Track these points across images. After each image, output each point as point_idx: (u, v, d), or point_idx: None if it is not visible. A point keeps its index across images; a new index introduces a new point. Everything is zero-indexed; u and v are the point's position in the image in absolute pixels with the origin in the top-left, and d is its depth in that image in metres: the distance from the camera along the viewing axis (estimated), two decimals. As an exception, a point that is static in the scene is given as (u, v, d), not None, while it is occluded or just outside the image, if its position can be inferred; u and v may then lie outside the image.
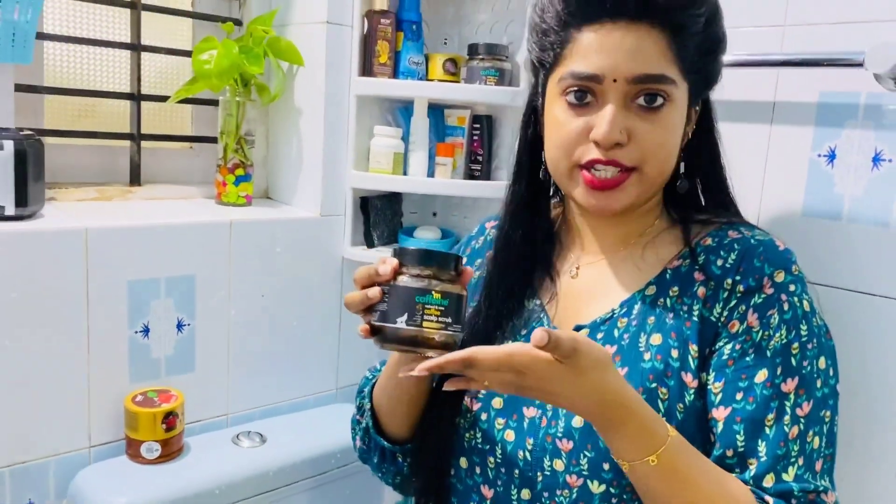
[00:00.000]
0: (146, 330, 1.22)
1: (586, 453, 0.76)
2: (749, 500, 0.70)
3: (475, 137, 1.48)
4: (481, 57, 1.39)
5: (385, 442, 0.93)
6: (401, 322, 0.68)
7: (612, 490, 0.76)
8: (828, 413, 0.75)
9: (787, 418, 0.73)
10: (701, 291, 0.78)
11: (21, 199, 1.10)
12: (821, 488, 0.72)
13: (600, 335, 0.82)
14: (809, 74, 1.02)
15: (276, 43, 1.38)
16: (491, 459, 0.84)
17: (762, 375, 0.74)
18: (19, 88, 1.25)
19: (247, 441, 1.28)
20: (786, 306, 0.75)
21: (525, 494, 0.81)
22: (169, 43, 1.46)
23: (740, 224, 0.83)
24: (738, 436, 0.73)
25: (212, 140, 1.51)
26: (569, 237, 0.92)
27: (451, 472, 0.89)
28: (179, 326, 1.26)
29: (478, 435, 0.85)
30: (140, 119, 1.41)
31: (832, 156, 1.01)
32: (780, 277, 0.76)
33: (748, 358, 0.74)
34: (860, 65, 0.90)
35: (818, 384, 0.75)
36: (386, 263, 0.71)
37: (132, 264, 1.18)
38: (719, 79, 0.83)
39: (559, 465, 0.78)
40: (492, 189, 1.45)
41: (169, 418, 1.17)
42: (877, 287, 0.97)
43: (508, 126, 1.46)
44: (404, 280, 0.69)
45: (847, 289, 1.00)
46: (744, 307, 0.76)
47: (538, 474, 0.80)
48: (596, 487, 0.76)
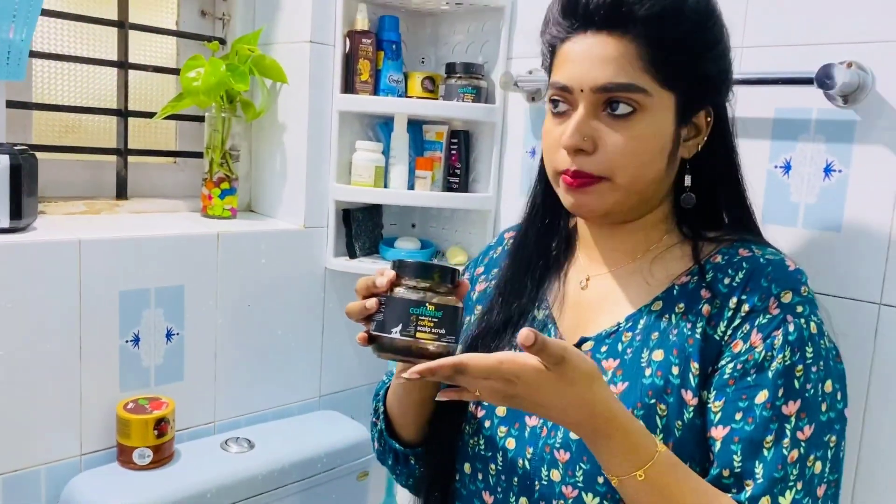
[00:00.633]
0: (136, 339, 1.25)
1: (582, 465, 0.76)
2: None
3: (453, 151, 1.54)
4: (459, 75, 1.46)
5: (397, 444, 0.93)
6: (395, 332, 0.70)
7: (606, 503, 0.75)
8: (833, 438, 0.73)
9: (787, 441, 0.71)
10: (706, 309, 0.77)
11: (15, 212, 1.13)
12: None
13: (604, 348, 0.81)
14: (765, 92, 1.10)
15: (261, 61, 1.43)
16: (492, 466, 0.84)
17: (763, 396, 0.72)
18: (9, 105, 1.28)
19: (235, 447, 1.31)
20: (791, 327, 0.73)
21: (523, 502, 0.81)
22: (152, 61, 1.50)
23: (752, 242, 0.81)
24: (736, 456, 0.72)
25: (196, 155, 1.55)
26: (581, 247, 0.91)
27: (456, 477, 0.89)
28: (169, 336, 1.29)
29: (481, 442, 0.85)
30: (127, 135, 1.44)
31: (787, 167, 1.09)
32: (788, 298, 0.75)
33: (749, 378, 0.73)
34: (811, 83, 0.99)
35: (823, 408, 0.73)
36: (384, 275, 0.73)
37: (124, 275, 1.22)
38: (722, 86, 0.82)
39: (556, 476, 0.78)
40: (469, 201, 1.51)
41: (161, 425, 1.20)
42: (829, 287, 1.05)
43: (485, 141, 1.53)
44: (400, 292, 0.71)
45: (803, 289, 1.07)
46: (748, 326, 0.75)
47: (536, 483, 0.80)
48: (590, 500, 0.76)
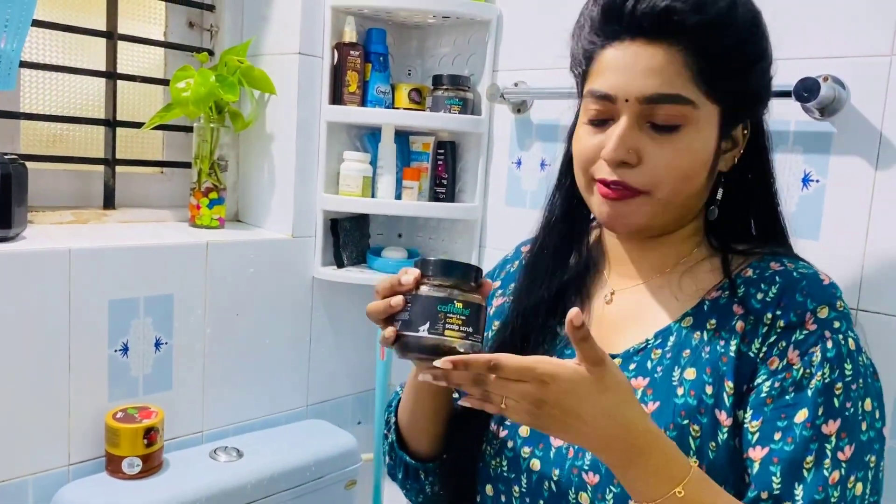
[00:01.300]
0: (125, 349, 1.25)
1: (612, 488, 0.73)
2: None
3: (440, 162, 1.56)
4: (445, 87, 1.48)
5: (408, 457, 0.89)
6: (423, 330, 0.69)
7: None
8: (873, 458, 0.71)
9: (828, 462, 0.68)
10: (740, 325, 0.74)
11: (5, 221, 1.14)
12: None
13: (633, 366, 0.78)
14: (745, 104, 1.13)
15: (250, 72, 1.44)
16: (516, 488, 0.81)
17: (802, 415, 0.69)
18: (-2, 114, 1.28)
19: (224, 456, 1.31)
20: (829, 344, 0.71)
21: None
22: (139, 71, 1.51)
23: (783, 255, 0.79)
24: (775, 477, 0.69)
25: (183, 165, 1.55)
26: (604, 261, 0.88)
27: (478, 500, 0.86)
28: (157, 345, 1.29)
29: (504, 463, 0.82)
30: (115, 144, 1.45)
31: (767, 177, 1.13)
32: (824, 313, 0.72)
33: (788, 396, 0.70)
34: (789, 96, 1.02)
35: (863, 427, 0.70)
36: (409, 273, 0.71)
37: (113, 284, 1.22)
38: (764, 99, 0.79)
39: (584, 499, 0.75)
40: (456, 211, 1.53)
41: (150, 434, 1.20)
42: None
43: (471, 151, 1.55)
44: (426, 290, 0.70)
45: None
46: (784, 343, 0.72)
47: None
48: None
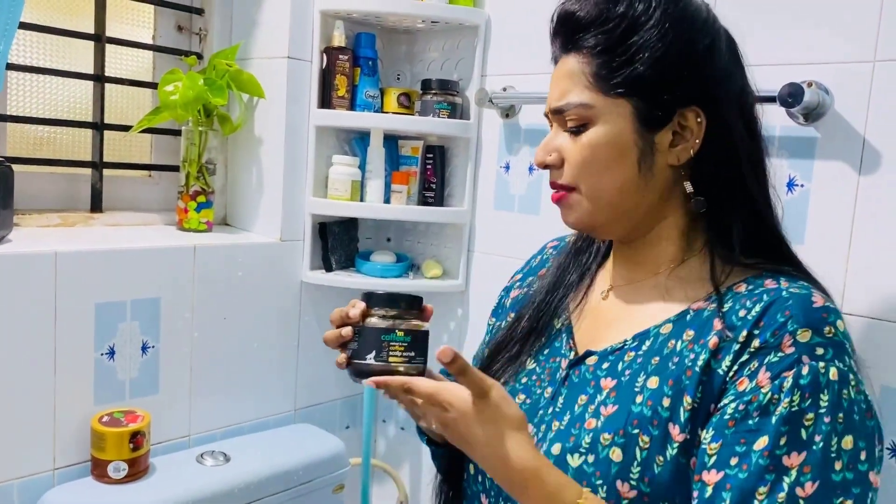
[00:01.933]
0: (112, 352, 1.24)
1: None
2: None
3: (428, 166, 1.57)
4: (434, 91, 1.49)
5: (425, 442, 0.97)
6: (370, 358, 0.76)
7: None
8: (848, 502, 0.65)
9: (783, 496, 0.64)
10: (713, 342, 0.71)
11: (-9, 224, 1.13)
12: None
13: (606, 365, 0.79)
14: (731, 110, 1.15)
15: (239, 76, 1.44)
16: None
17: (762, 443, 0.66)
18: (-16, 117, 1.27)
19: (211, 460, 1.31)
20: (805, 370, 0.66)
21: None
22: (128, 74, 1.51)
23: (785, 273, 0.75)
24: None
25: (171, 168, 1.55)
26: (612, 258, 0.90)
27: (465, 477, 0.90)
28: (144, 349, 1.29)
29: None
30: (102, 148, 1.44)
31: (753, 182, 1.14)
32: (806, 337, 0.67)
33: (751, 421, 0.66)
34: (774, 101, 1.03)
35: (836, 466, 0.65)
36: (355, 307, 0.77)
37: (99, 287, 1.21)
38: (705, 89, 0.76)
39: None
40: (444, 215, 1.54)
41: (136, 438, 1.19)
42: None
43: (460, 156, 1.56)
44: (372, 321, 0.77)
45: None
46: (756, 364, 0.68)
47: None
48: None
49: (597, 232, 0.84)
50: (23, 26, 1.31)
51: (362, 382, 0.76)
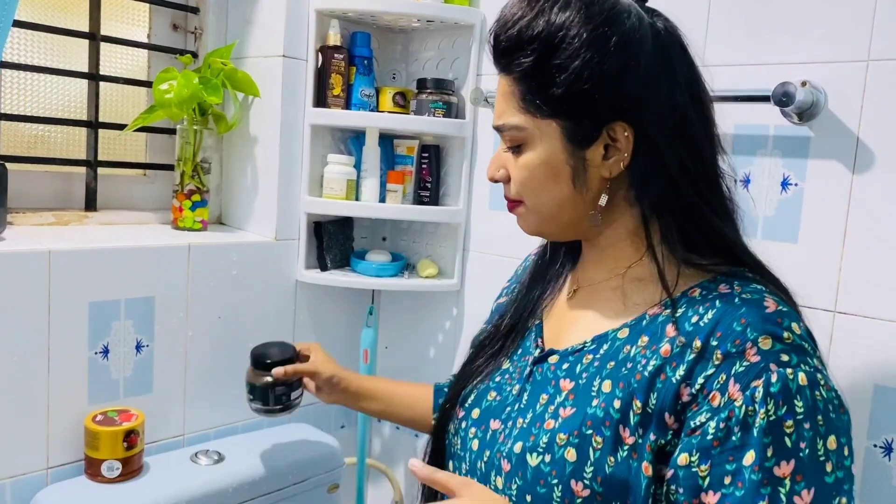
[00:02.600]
0: (105, 351, 1.24)
1: (517, 480, 0.77)
2: None
3: (424, 166, 1.57)
4: (430, 91, 1.49)
5: None
6: (250, 403, 1.21)
7: None
8: (843, 500, 0.66)
9: None
10: (665, 349, 0.72)
11: (-16, 222, 1.12)
12: None
13: (566, 366, 0.81)
14: (725, 109, 1.14)
15: (234, 74, 1.44)
16: (463, 466, 0.86)
17: (750, 457, 0.65)
18: (-22, 115, 1.27)
19: (205, 459, 1.30)
20: (773, 377, 0.66)
21: None
22: (122, 73, 1.50)
23: (738, 277, 0.76)
24: None
25: (166, 167, 1.55)
26: (582, 256, 0.92)
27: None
28: (138, 348, 1.28)
29: (457, 441, 0.88)
30: (97, 146, 1.44)
31: (747, 181, 1.14)
32: (767, 344, 0.67)
33: (734, 437, 0.66)
34: (768, 100, 1.03)
35: (827, 468, 0.66)
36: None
37: (93, 286, 1.21)
38: (626, 104, 0.75)
39: (499, 483, 0.79)
40: (440, 214, 1.54)
41: (130, 437, 1.19)
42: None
43: (455, 155, 1.56)
44: (247, 376, 1.20)
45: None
46: (724, 376, 0.68)
47: (489, 487, 0.81)
48: None
49: (551, 238, 0.89)
50: (17, 24, 1.31)
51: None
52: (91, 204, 1.45)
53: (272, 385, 1.17)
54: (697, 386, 0.69)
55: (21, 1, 1.15)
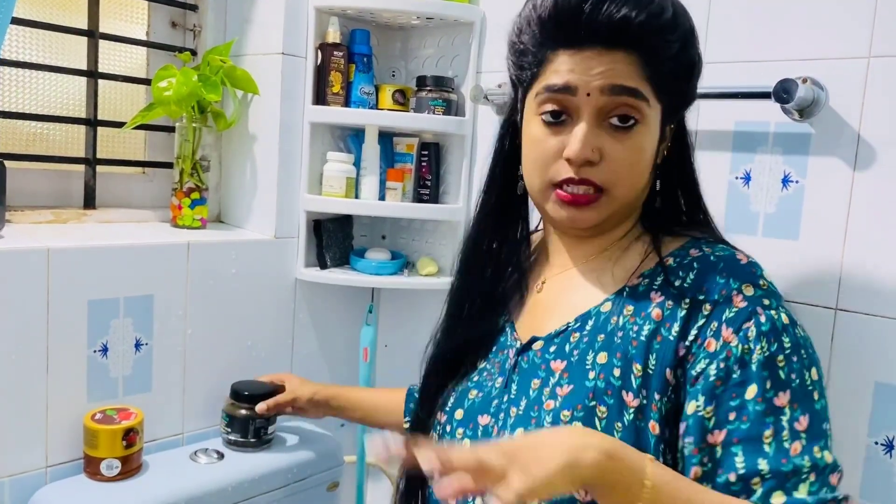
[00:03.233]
0: (105, 349, 1.23)
1: None
2: None
3: (423, 163, 1.56)
4: (429, 88, 1.48)
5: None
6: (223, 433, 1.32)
7: None
8: (826, 426, 0.72)
9: (786, 433, 0.69)
10: (656, 313, 0.76)
11: (-17, 220, 1.12)
12: (840, 497, 0.69)
13: (553, 348, 0.82)
14: (726, 106, 1.15)
15: (233, 72, 1.44)
16: None
17: (752, 391, 0.70)
18: (-24, 112, 1.27)
19: (204, 458, 1.30)
20: (762, 318, 0.72)
21: (479, 501, 0.81)
22: (121, 71, 1.50)
23: (703, 241, 0.81)
24: (738, 458, 0.69)
25: (165, 165, 1.54)
26: (543, 254, 0.93)
27: (429, 483, 0.90)
28: (137, 346, 1.28)
29: (444, 446, 0.86)
30: (96, 144, 1.43)
31: (747, 178, 1.14)
32: (751, 291, 0.74)
33: (735, 375, 0.71)
34: (769, 97, 1.03)
35: (815, 396, 0.72)
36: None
37: (93, 284, 1.20)
38: (693, 99, 0.84)
39: None
40: (439, 212, 1.53)
41: (129, 435, 1.19)
42: (787, 293, 1.08)
43: (455, 153, 1.56)
44: (226, 408, 1.31)
45: (764, 296, 1.11)
46: (716, 324, 0.73)
47: None
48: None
49: (595, 230, 0.85)
50: (16, 22, 1.31)
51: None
52: (90, 202, 1.44)
53: (252, 418, 1.28)
54: (691, 337, 0.74)
55: (19, -2, 1.15)
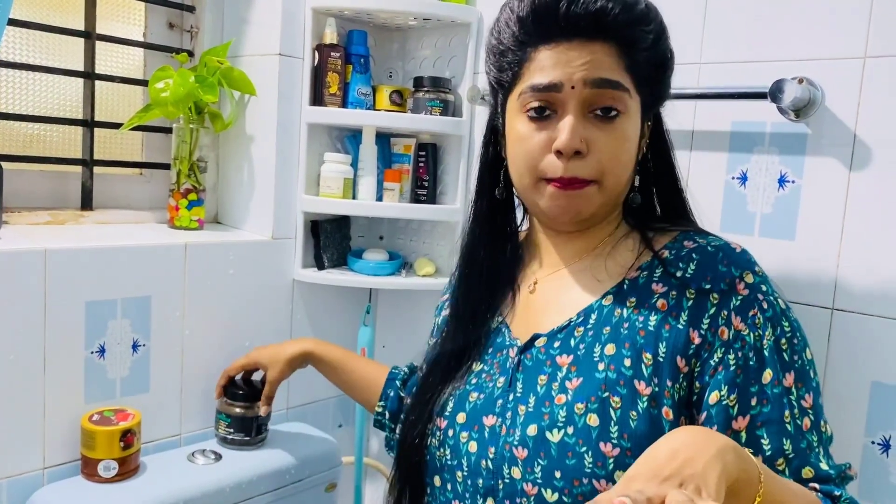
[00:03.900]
0: (102, 350, 1.23)
1: (539, 461, 0.77)
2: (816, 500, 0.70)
3: (421, 164, 1.56)
4: (426, 89, 1.48)
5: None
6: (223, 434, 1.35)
7: (566, 498, 0.75)
8: (821, 400, 0.77)
9: (797, 411, 0.74)
10: (661, 303, 0.78)
11: (-21, 221, 1.12)
12: (844, 466, 0.76)
13: (557, 344, 0.82)
14: (722, 106, 1.15)
15: (230, 73, 1.44)
16: (459, 474, 0.84)
17: (768, 375, 0.74)
18: (-27, 114, 1.26)
19: (202, 458, 1.30)
20: (765, 305, 0.76)
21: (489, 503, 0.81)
22: (118, 72, 1.50)
23: (694, 233, 0.84)
24: (763, 440, 0.73)
25: (163, 166, 1.54)
26: (530, 254, 0.94)
27: (427, 491, 0.89)
28: (135, 347, 1.28)
29: (447, 452, 0.86)
30: (93, 145, 1.43)
31: (744, 178, 1.14)
32: (750, 278, 0.77)
33: (752, 362, 0.74)
34: (765, 97, 1.03)
35: (812, 374, 0.77)
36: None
37: (90, 285, 1.20)
38: (668, 95, 0.86)
39: (517, 473, 0.78)
40: (437, 212, 1.53)
41: (127, 436, 1.19)
42: (784, 293, 1.09)
43: (452, 153, 1.56)
44: (225, 410, 1.34)
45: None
46: (725, 312, 0.76)
47: (499, 482, 0.80)
48: (550, 496, 0.76)
49: (578, 225, 0.86)
50: (12, 23, 1.31)
51: None
52: (87, 203, 1.44)
53: (256, 417, 1.32)
54: (704, 326, 0.76)
55: (16, -1, 1.15)
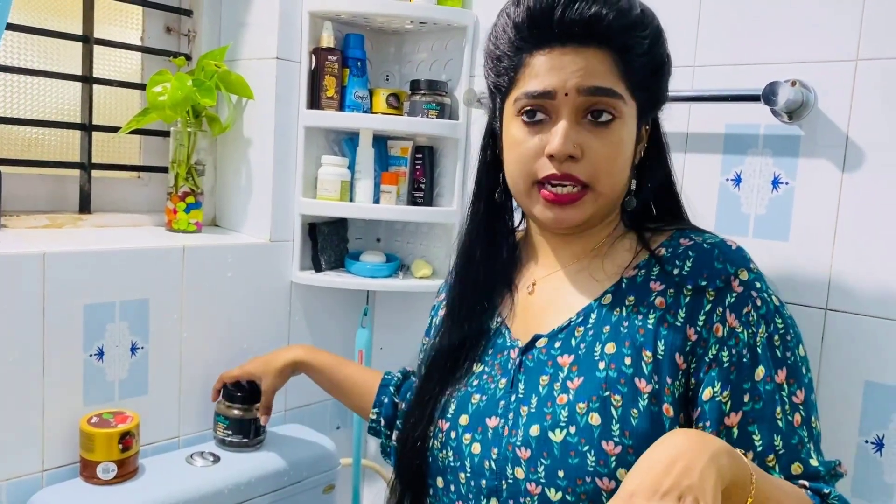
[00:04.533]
0: (101, 353, 1.24)
1: (542, 461, 0.78)
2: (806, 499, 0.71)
3: (417, 166, 1.57)
4: (423, 92, 1.49)
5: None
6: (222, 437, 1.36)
7: (569, 497, 0.76)
8: (813, 397, 0.78)
9: (788, 408, 0.75)
10: (659, 301, 0.79)
11: (-22, 225, 1.12)
12: (834, 463, 0.77)
13: (558, 344, 0.83)
14: (716, 109, 1.16)
15: (227, 77, 1.44)
16: (462, 475, 0.85)
17: (760, 372, 0.75)
18: (-29, 118, 1.27)
19: (200, 460, 1.30)
20: (758, 302, 0.77)
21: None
22: (116, 76, 1.50)
23: (690, 231, 0.85)
24: (755, 436, 0.74)
25: (160, 170, 1.55)
26: (527, 255, 0.95)
27: (430, 493, 0.90)
28: (133, 350, 1.28)
29: (450, 454, 0.87)
30: (91, 149, 1.44)
31: (738, 180, 1.15)
32: (745, 276, 0.78)
33: (745, 360, 0.76)
34: (758, 100, 1.04)
35: (804, 371, 0.78)
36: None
37: (88, 288, 1.21)
38: (666, 99, 0.87)
39: (520, 473, 0.79)
40: (434, 215, 1.54)
41: (125, 438, 1.19)
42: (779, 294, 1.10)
43: (449, 156, 1.57)
44: (220, 408, 1.36)
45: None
46: (721, 309, 0.77)
47: (503, 483, 0.81)
48: (553, 495, 0.77)
49: (574, 230, 0.87)
50: (10, 27, 1.31)
51: None
52: (85, 206, 1.45)
53: (254, 419, 1.34)
54: (700, 323, 0.77)
55: (14, 4, 1.15)
